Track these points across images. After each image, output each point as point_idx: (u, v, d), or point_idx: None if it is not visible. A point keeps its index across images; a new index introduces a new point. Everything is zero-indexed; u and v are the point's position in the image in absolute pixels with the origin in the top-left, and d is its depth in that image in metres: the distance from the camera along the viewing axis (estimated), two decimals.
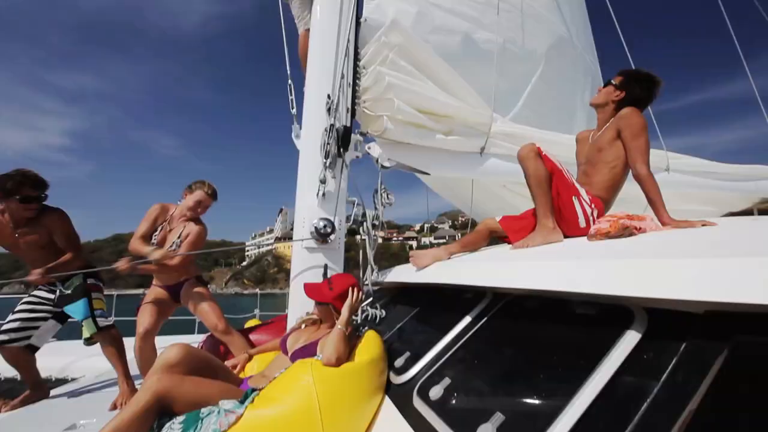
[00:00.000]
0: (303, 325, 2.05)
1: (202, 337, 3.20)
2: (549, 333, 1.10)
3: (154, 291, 2.75)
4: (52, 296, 2.63)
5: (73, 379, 3.28)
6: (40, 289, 2.64)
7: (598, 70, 4.60)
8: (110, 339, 2.63)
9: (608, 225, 1.83)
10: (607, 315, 0.94)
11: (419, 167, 2.62)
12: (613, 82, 2.13)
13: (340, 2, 2.61)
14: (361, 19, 2.61)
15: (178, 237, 2.66)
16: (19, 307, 2.57)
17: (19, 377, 2.72)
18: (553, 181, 1.91)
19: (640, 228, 1.79)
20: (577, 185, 1.96)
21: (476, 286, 1.49)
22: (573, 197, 1.92)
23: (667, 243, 1.27)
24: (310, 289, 1.94)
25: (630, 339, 0.82)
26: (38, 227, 2.50)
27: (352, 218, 2.60)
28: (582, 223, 1.92)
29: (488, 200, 4.01)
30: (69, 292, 2.61)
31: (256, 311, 5.78)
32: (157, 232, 2.66)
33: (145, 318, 2.60)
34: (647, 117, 2.05)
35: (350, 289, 1.86)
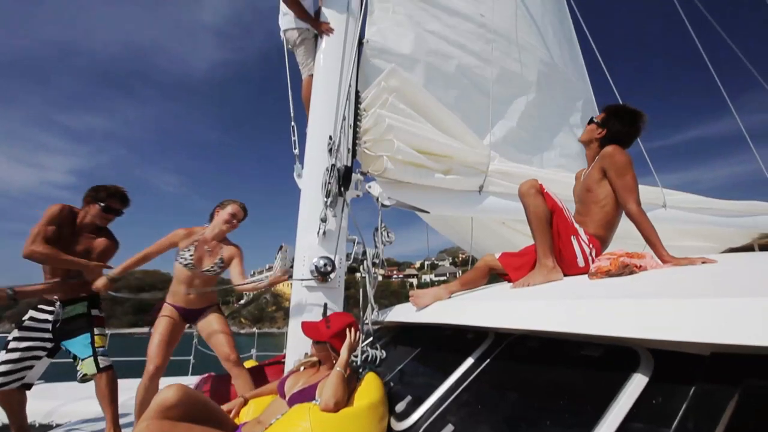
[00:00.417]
0: (302, 368, 1.99)
1: (195, 379, 3.08)
2: (554, 375, 1.08)
3: (169, 311, 2.66)
4: (50, 318, 2.53)
5: (58, 425, 3.13)
6: (38, 310, 2.55)
7: (591, 98, 4.73)
8: (107, 380, 2.50)
9: (608, 263, 1.83)
10: (613, 357, 0.92)
11: (419, 206, 2.66)
12: (595, 119, 2.17)
13: (342, 50, 2.76)
14: (364, 44, 2.82)
15: (220, 259, 2.68)
16: (12, 345, 2.44)
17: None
18: (553, 219, 1.92)
19: (640, 266, 1.79)
20: (576, 225, 1.98)
21: (478, 326, 1.47)
22: (572, 237, 1.93)
23: (669, 281, 1.27)
24: (307, 328, 1.90)
25: (638, 382, 0.80)
26: (99, 238, 2.66)
27: (352, 257, 2.60)
28: (581, 263, 1.91)
29: (487, 237, 4.02)
30: (72, 315, 2.54)
31: (253, 351, 5.62)
32: (191, 251, 2.65)
33: (156, 353, 2.50)
34: (639, 154, 2.10)
35: (348, 328, 1.83)
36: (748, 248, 4.53)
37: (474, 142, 2.91)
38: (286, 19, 3.02)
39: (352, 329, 1.83)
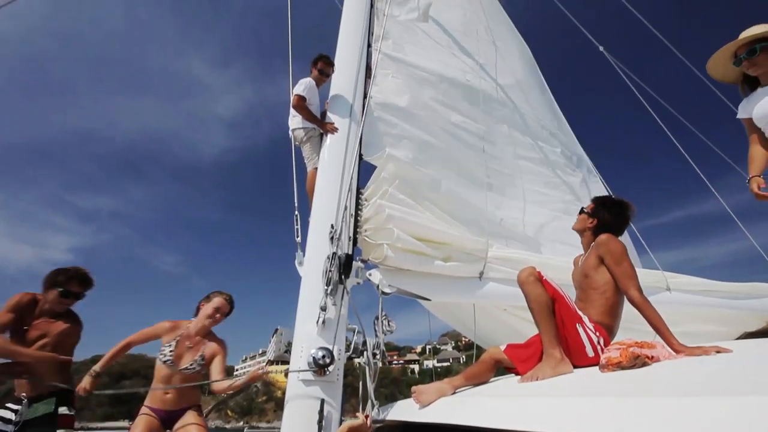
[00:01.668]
0: None
1: None
2: None
3: (146, 421, 2.45)
4: (12, 418, 2.26)
5: None
6: (4, 408, 2.31)
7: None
8: None
9: (619, 354, 1.77)
10: None
11: (420, 293, 2.65)
12: (585, 210, 2.30)
13: (345, 146, 3.00)
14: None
15: (201, 356, 2.57)
16: None
17: None
18: (556, 307, 1.91)
19: (652, 357, 1.73)
20: (579, 312, 1.96)
21: (485, 428, 1.37)
22: (577, 325, 1.89)
23: (685, 376, 1.22)
24: None
25: None
26: (58, 323, 2.48)
27: (351, 347, 2.51)
28: (590, 353, 1.85)
29: (490, 324, 3.91)
30: (35, 416, 2.30)
31: None
32: (171, 347, 2.54)
33: None
34: (635, 239, 2.17)
35: None
36: (764, 332, 4.37)
37: (473, 227, 3.01)
38: (295, 120, 3.35)
39: None
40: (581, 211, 2.32)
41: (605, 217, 2.20)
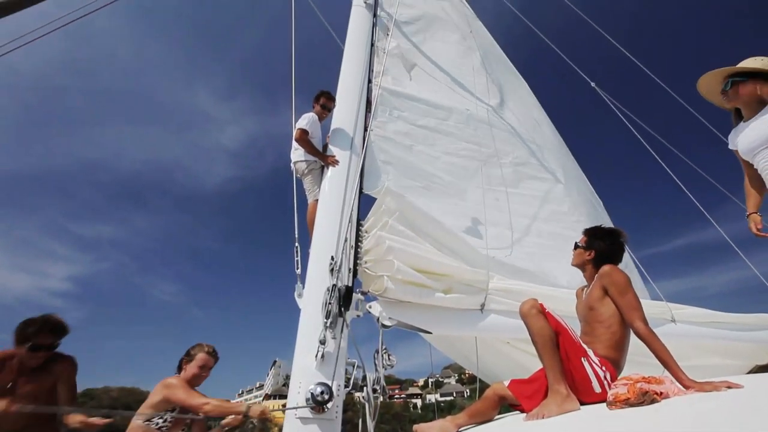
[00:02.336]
0: None
1: None
2: None
3: None
4: None
5: None
6: None
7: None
8: None
9: (626, 390, 1.73)
10: None
11: (421, 326, 2.61)
12: (579, 244, 2.30)
13: (345, 179, 3.05)
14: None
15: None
16: None
17: None
18: (559, 340, 1.87)
19: (661, 393, 1.69)
20: (584, 346, 1.92)
21: None
22: (582, 359, 1.85)
23: (695, 413, 1.18)
24: None
25: None
26: (43, 375, 2.30)
27: (351, 382, 2.44)
28: (597, 388, 1.80)
29: (493, 357, 3.82)
30: None
31: None
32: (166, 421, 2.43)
33: None
34: (637, 270, 2.16)
35: None
36: None
37: (473, 257, 3.00)
38: (297, 152, 3.44)
39: None
40: (575, 246, 2.32)
41: (600, 247, 2.21)
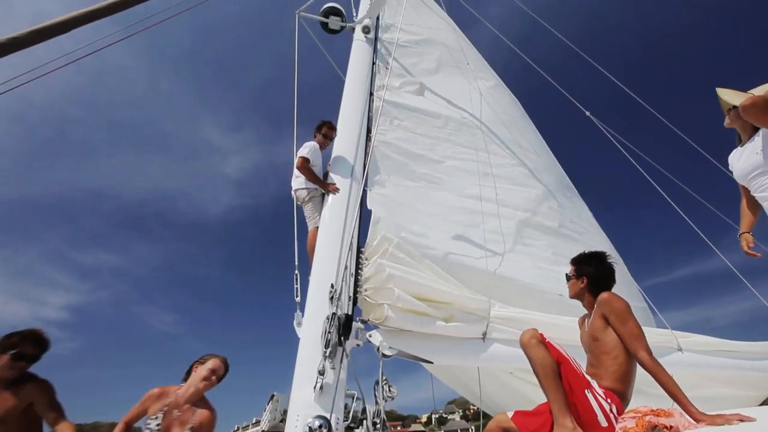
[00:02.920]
0: None
1: None
2: None
3: None
4: None
5: None
6: None
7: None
8: None
9: (635, 423, 1.68)
10: None
11: (422, 355, 2.55)
12: (569, 275, 2.30)
13: (346, 207, 3.08)
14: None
15: (190, 429, 2.37)
16: None
17: None
18: (562, 371, 1.82)
19: (670, 427, 1.64)
20: (588, 377, 1.87)
21: None
22: (585, 390, 1.80)
23: None
24: None
25: None
26: (18, 391, 2.25)
27: (350, 415, 2.36)
28: (603, 422, 1.74)
29: (496, 388, 3.71)
30: None
31: None
32: (158, 419, 2.36)
33: None
34: (644, 300, 2.14)
35: None
36: None
37: (474, 285, 2.98)
38: (298, 180, 3.51)
39: None
40: (567, 278, 2.32)
41: (590, 272, 2.20)
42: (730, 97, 2.23)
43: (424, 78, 4.89)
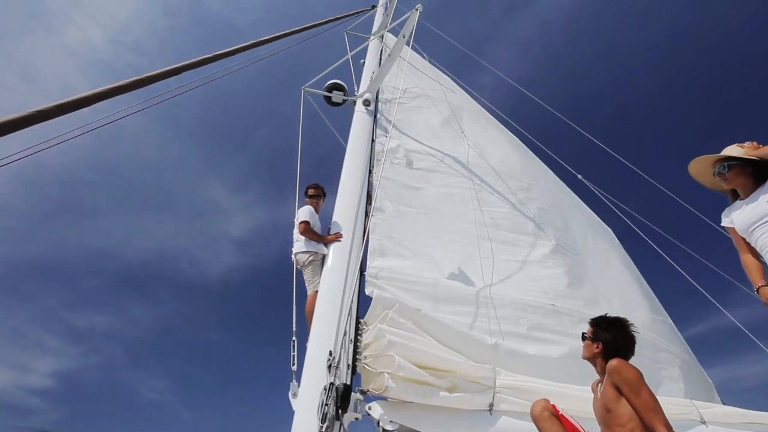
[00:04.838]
0: None
1: None
2: None
3: None
4: None
5: None
6: None
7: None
8: None
9: None
10: None
11: (426, 430, 2.38)
12: (586, 335, 2.22)
13: (346, 271, 3.07)
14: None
15: None
16: None
17: None
18: None
19: None
20: None
21: None
22: None
23: None
24: None
25: None
26: None
27: None
28: None
29: None
30: None
31: None
32: None
33: None
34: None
35: None
36: None
37: (478, 350, 2.86)
38: (298, 244, 3.62)
39: None
40: (583, 337, 2.24)
41: (607, 339, 2.12)
42: (706, 163, 2.33)
43: (423, 144, 5.13)
